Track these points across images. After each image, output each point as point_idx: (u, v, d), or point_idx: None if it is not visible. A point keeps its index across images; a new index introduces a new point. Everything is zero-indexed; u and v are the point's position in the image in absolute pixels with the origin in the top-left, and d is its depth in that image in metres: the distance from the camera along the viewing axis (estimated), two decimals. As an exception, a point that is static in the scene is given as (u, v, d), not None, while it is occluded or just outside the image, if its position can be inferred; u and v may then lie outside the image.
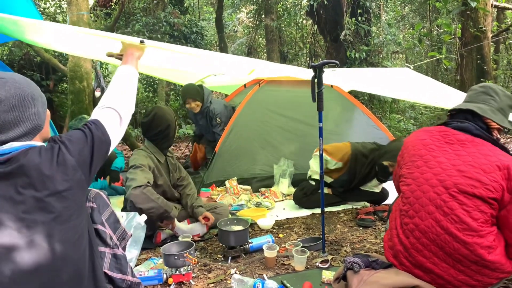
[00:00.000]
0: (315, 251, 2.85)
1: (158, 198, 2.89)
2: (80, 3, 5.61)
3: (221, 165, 4.50)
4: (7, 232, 1.36)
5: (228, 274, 2.53)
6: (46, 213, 1.39)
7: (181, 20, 9.15)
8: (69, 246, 1.42)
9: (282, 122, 4.73)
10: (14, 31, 2.66)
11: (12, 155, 1.42)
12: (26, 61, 8.65)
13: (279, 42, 11.45)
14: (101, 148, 1.59)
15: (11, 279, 1.34)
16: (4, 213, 1.36)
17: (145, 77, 10.51)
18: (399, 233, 2.08)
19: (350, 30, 8.30)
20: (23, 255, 1.36)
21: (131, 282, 1.67)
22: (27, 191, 1.38)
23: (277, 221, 3.58)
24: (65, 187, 1.43)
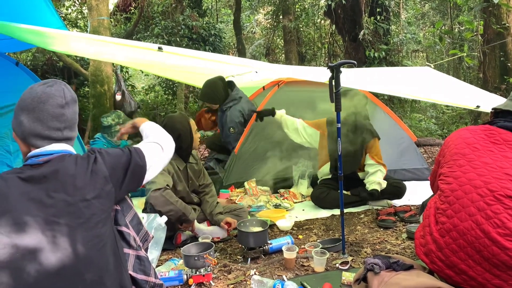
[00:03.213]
0: (335, 252, 2.84)
1: (177, 201, 2.92)
2: (100, 9, 5.73)
3: (240, 167, 4.52)
4: (33, 234, 1.39)
5: (248, 275, 2.54)
6: (74, 218, 1.42)
7: (200, 23, 9.23)
8: (94, 252, 1.45)
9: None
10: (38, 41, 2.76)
11: (49, 158, 1.48)
12: (49, 66, 8.88)
13: (297, 43, 11.43)
14: (136, 171, 1.65)
15: (36, 280, 1.38)
16: (31, 215, 1.40)
17: (165, 80, 10.64)
18: (432, 231, 2.02)
19: (369, 29, 8.22)
20: (48, 257, 1.39)
21: (154, 284, 1.68)
22: (58, 195, 1.43)
23: (296, 222, 3.57)
24: (94, 194, 1.47)
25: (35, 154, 1.51)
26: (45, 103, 1.51)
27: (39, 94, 1.52)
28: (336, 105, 2.54)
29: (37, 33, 2.50)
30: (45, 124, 1.51)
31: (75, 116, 1.60)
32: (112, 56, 3.60)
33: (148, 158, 1.70)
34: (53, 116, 1.51)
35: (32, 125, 1.50)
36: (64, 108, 1.54)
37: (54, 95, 1.53)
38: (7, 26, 2.49)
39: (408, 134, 4.89)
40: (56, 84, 1.58)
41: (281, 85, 4.86)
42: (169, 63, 3.29)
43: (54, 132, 1.52)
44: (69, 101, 1.56)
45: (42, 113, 1.50)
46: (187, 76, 5.38)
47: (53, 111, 1.51)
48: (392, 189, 4.00)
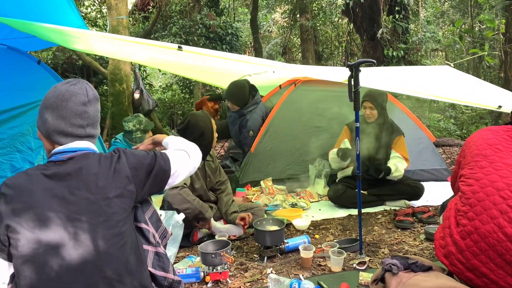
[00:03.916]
0: (352, 253, 2.82)
1: (194, 199, 2.94)
2: (119, 8, 5.79)
3: (257, 165, 4.52)
4: (56, 230, 1.42)
5: (264, 273, 2.54)
6: (95, 216, 1.45)
7: (217, 22, 9.26)
8: (114, 249, 1.47)
9: (318, 122, 4.70)
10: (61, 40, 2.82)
11: (73, 155, 1.52)
12: (69, 65, 9.03)
13: (314, 42, 11.38)
14: (159, 174, 1.65)
15: (58, 274, 1.41)
16: (54, 211, 1.43)
17: (182, 79, 10.71)
18: (453, 233, 1.99)
19: (387, 28, 8.14)
20: (70, 253, 1.42)
21: (173, 280, 1.69)
22: (81, 193, 1.46)
23: (313, 222, 3.56)
24: (116, 193, 1.49)
25: (59, 151, 1.54)
26: (68, 101, 1.54)
27: (62, 92, 1.55)
28: (355, 104, 2.53)
29: (60, 32, 2.56)
30: (68, 121, 1.54)
31: (97, 114, 1.63)
32: (132, 55, 3.65)
33: (173, 164, 1.71)
34: (76, 114, 1.54)
35: (55, 123, 1.54)
36: (86, 106, 1.57)
37: (77, 93, 1.56)
38: (30, 25, 2.55)
39: (426, 134, 4.83)
40: (79, 83, 1.61)
41: (297, 84, 4.85)
42: (188, 62, 3.31)
43: (77, 129, 1.55)
44: (92, 99, 1.59)
45: (65, 110, 1.53)
46: (204, 75, 5.40)
47: (76, 108, 1.54)
48: (410, 189, 3.96)
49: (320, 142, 4.57)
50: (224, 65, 3.47)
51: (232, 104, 4.65)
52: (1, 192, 1.47)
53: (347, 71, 2.58)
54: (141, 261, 1.58)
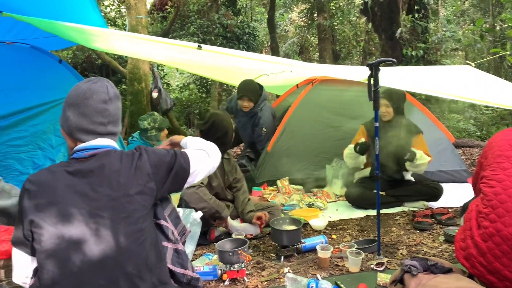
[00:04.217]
0: (369, 253, 2.80)
1: (210, 198, 2.96)
2: (139, 8, 5.86)
3: (273, 165, 4.52)
4: (78, 226, 1.45)
5: (282, 272, 2.54)
6: (117, 212, 1.47)
7: (234, 21, 9.28)
8: (135, 246, 1.48)
9: (335, 122, 4.67)
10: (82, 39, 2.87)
11: (94, 153, 1.54)
12: (88, 64, 9.17)
13: (331, 41, 11.32)
14: (179, 172, 1.67)
15: (80, 269, 1.43)
16: (76, 207, 1.46)
17: (199, 78, 10.77)
18: (474, 235, 1.96)
19: (406, 27, 8.04)
20: (92, 248, 1.44)
21: (191, 277, 1.70)
22: (103, 189, 1.48)
23: (330, 222, 3.54)
24: (137, 190, 1.51)
25: (81, 148, 1.57)
26: (89, 98, 1.57)
27: (84, 91, 1.58)
28: (374, 104, 2.51)
29: (81, 31, 2.60)
30: (90, 118, 1.56)
31: (118, 111, 1.65)
32: (151, 54, 3.69)
33: (193, 163, 1.72)
34: (97, 111, 1.57)
35: (77, 120, 1.57)
36: (107, 104, 1.59)
37: (98, 91, 1.59)
38: (53, 24, 2.60)
39: (446, 135, 4.76)
40: (100, 81, 1.64)
41: (315, 83, 4.82)
42: (207, 61, 3.33)
43: (98, 126, 1.58)
44: (112, 97, 1.62)
45: (87, 108, 1.56)
46: (222, 74, 5.43)
47: (97, 106, 1.57)
48: (429, 190, 3.91)
49: (338, 142, 4.54)
50: (242, 64, 3.48)
51: (249, 101, 4.59)
52: (25, 188, 1.50)
53: (367, 70, 2.56)
54: (161, 258, 1.60)
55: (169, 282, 1.60)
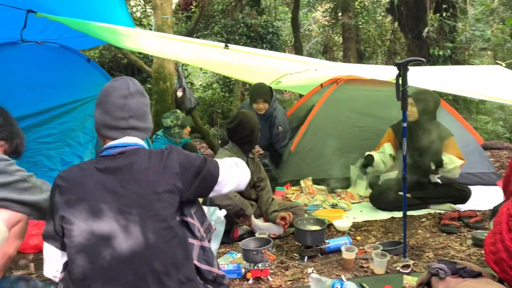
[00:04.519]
0: (395, 255, 2.76)
1: (235, 196, 2.97)
2: (164, 7, 5.92)
3: (297, 164, 4.51)
4: (107, 222, 1.48)
5: (305, 273, 2.53)
6: (145, 209, 1.49)
7: (258, 21, 9.29)
8: (163, 243, 1.50)
9: (361, 122, 4.62)
10: (112, 38, 2.93)
11: (123, 150, 1.58)
12: (114, 63, 9.33)
13: (356, 40, 11.19)
14: (207, 178, 1.68)
15: (109, 264, 1.46)
16: (106, 204, 1.49)
17: (222, 77, 10.82)
18: (504, 239, 1.91)
19: (433, 26, 7.88)
20: (121, 244, 1.46)
21: (217, 274, 1.71)
22: (131, 187, 1.50)
23: (354, 223, 3.51)
24: (165, 189, 1.52)
25: (110, 146, 1.61)
26: (110, 95, 1.62)
27: (106, 89, 1.65)
28: (402, 104, 2.47)
29: (112, 31, 2.66)
30: (111, 114, 1.61)
31: (142, 106, 1.67)
32: (178, 54, 3.73)
33: (222, 173, 1.73)
34: (117, 107, 1.61)
35: (101, 117, 1.62)
36: (127, 99, 1.62)
37: (119, 87, 1.64)
38: (86, 24, 2.66)
39: (474, 136, 4.65)
40: (122, 79, 1.69)
41: (340, 82, 4.78)
42: (232, 61, 3.35)
43: (119, 121, 1.61)
44: (133, 92, 1.64)
45: (108, 104, 1.61)
46: (246, 74, 5.44)
47: (117, 102, 1.61)
48: (456, 193, 3.83)
49: (363, 142, 4.50)
50: (267, 63, 3.48)
51: (264, 102, 4.55)
52: (56, 184, 1.54)
53: (394, 70, 2.52)
54: (188, 255, 1.61)
55: (195, 279, 1.61)
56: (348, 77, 4.73)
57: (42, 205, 1.85)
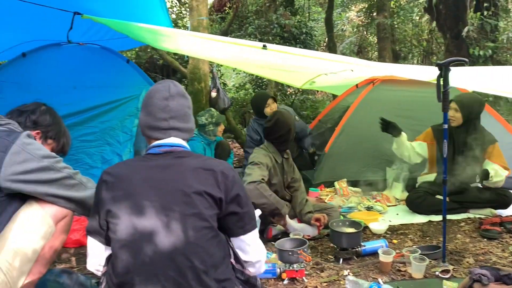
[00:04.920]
0: (433, 260, 2.70)
1: (270, 195, 2.97)
2: (200, 9, 6.01)
3: (331, 166, 4.47)
4: (150, 218, 1.51)
5: (341, 275, 2.52)
6: (188, 208, 1.52)
7: (292, 21, 9.25)
8: (203, 241, 1.52)
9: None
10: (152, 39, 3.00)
11: (170, 150, 1.63)
12: (150, 64, 9.50)
13: (391, 40, 10.98)
14: (236, 213, 1.64)
15: (151, 260, 1.49)
16: (149, 200, 1.52)
17: (254, 78, 10.84)
18: None
19: (473, 25, 7.63)
20: (163, 240, 1.50)
21: (249, 276, 1.72)
22: (176, 185, 1.54)
23: (390, 226, 3.45)
24: (209, 191, 1.54)
25: (156, 144, 1.66)
26: (153, 98, 1.68)
27: (150, 91, 1.71)
28: (443, 105, 2.41)
29: (153, 32, 2.73)
30: (154, 115, 1.66)
31: (182, 108, 1.71)
32: (215, 55, 3.77)
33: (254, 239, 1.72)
34: (159, 108, 1.66)
35: (144, 119, 1.69)
36: (168, 100, 1.67)
37: (160, 90, 1.69)
38: (127, 25, 2.74)
39: (517, 139, 4.47)
40: (165, 81, 1.75)
41: (376, 83, 4.71)
42: (269, 61, 3.36)
43: (161, 122, 1.65)
44: (174, 94, 1.69)
45: (151, 106, 1.67)
46: (281, 75, 5.43)
47: (159, 103, 1.66)
48: (497, 197, 3.70)
49: (399, 144, 4.42)
50: (305, 63, 3.47)
51: (274, 102, 4.70)
52: (103, 179, 1.59)
53: (435, 70, 2.47)
54: (225, 255, 1.63)
55: (232, 279, 1.63)
56: (384, 78, 4.65)
57: (86, 202, 1.91)
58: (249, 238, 1.69)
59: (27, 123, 2.04)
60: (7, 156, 1.68)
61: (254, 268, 1.75)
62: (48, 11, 2.95)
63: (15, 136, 1.76)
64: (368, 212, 3.77)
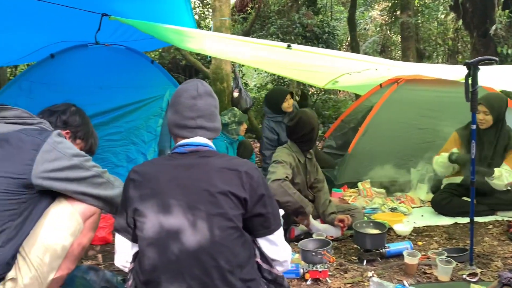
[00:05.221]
0: (460, 263, 2.65)
1: (294, 193, 2.96)
2: (223, 10, 6.04)
3: (354, 166, 4.43)
4: (177, 216, 1.53)
5: (365, 276, 2.49)
6: (214, 207, 1.53)
7: (314, 20, 9.21)
8: (229, 241, 1.53)
9: (422, 124, 4.46)
10: (177, 39, 3.03)
11: (196, 149, 1.64)
12: (173, 64, 9.61)
13: (415, 39, 10.81)
14: (262, 215, 1.65)
15: (177, 258, 1.51)
16: (176, 199, 1.54)
17: (276, 78, 10.84)
18: None
19: (501, 23, 7.44)
20: (189, 238, 1.51)
21: (277, 275, 1.73)
22: (202, 184, 1.55)
23: (415, 228, 3.40)
24: (234, 191, 1.55)
25: (182, 144, 1.67)
26: (181, 96, 1.70)
27: (177, 91, 1.74)
28: (472, 105, 2.36)
29: (179, 32, 2.77)
30: (181, 114, 1.68)
31: (209, 107, 1.72)
32: (239, 55, 3.79)
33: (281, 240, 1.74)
34: (187, 107, 1.67)
35: (172, 117, 1.71)
36: (196, 99, 1.68)
37: (188, 89, 1.71)
38: (153, 26, 2.79)
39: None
40: (192, 81, 1.77)
41: (400, 83, 4.64)
42: (293, 61, 3.36)
43: (188, 121, 1.67)
44: (202, 93, 1.70)
45: (179, 105, 1.69)
46: (304, 74, 5.41)
47: (187, 102, 1.68)
48: None
49: (424, 145, 4.35)
50: (328, 62, 3.46)
51: (292, 98, 4.65)
52: (131, 178, 1.62)
53: (462, 69, 2.43)
54: (251, 255, 1.64)
55: (257, 279, 1.63)
56: (409, 77, 4.58)
57: (114, 200, 1.94)
58: (275, 238, 1.69)
59: (57, 123, 2.09)
60: (39, 154, 1.72)
61: (282, 267, 1.76)
62: (76, 13, 3.01)
63: (46, 134, 1.80)
64: (392, 214, 3.72)
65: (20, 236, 1.70)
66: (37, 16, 3.14)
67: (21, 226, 1.70)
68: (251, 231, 1.66)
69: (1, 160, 1.70)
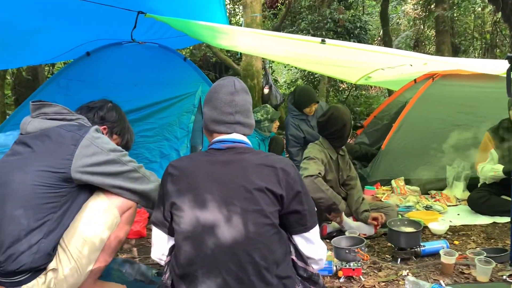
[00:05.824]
0: (499, 263, 2.56)
1: (327, 189, 2.94)
2: (254, 6, 6.05)
3: (388, 163, 4.36)
4: (212, 211, 1.55)
5: (400, 275, 2.45)
6: (250, 203, 1.54)
7: (346, 15, 9.08)
8: (264, 238, 1.54)
9: (458, 120, 4.34)
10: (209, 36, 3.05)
11: (233, 146, 1.66)
12: (204, 62, 9.70)
13: (451, 34, 10.49)
14: (298, 212, 1.65)
15: (213, 252, 1.52)
16: (212, 194, 1.56)
17: (306, 74, 10.77)
18: None
19: (543, 15, 7.14)
20: (224, 233, 1.52)
21: (312, 273, 1.72)
22: (238, 180, 1.56)
23: (450, 227, 3.31)
24: (270, 188, 1.55)
25: (219, 140, 1.69)
26: (218, 92, 1.71)
27: (214, 87, 1.75)
28: (514, 100, 2.28)
29: (212, 29, 2.78)
30: (219, 109, 1.69)
31: (246, 103, 1.74)
32: (271, 51, 3.79)
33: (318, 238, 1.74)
34: (225, 102, 1.69)
35: (210, 113, 1.71)
36: (233, 95, 1.70)
37: (226, 85, 1.72)
38: (187, 23, 2.81)
39: None
40: (228, 78, 1.78)
41: (436, 78, 4.53)
42: (324, 56, 3.33)
43: (226, 116, 1.69)
44: (239, 89, 1.72)
45: (216, 101, 1.70)
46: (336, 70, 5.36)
47: (225, 98, 1.69)
48: None
49: (461, 142, 4.22)
50: (362, 57, 3.41)
51: (316, 103, 4.53)
52: (168, 172, 1.65)
53: (503, 63, 2.34)
54: (287, 252, 1.64)
55: (293, 276, 1.63)
56: (444, 72, 4.46)
57: (149, 195, 1.98)
58: (311, 235, 1.69)
59: (95, 118, 2.15)
60: (78, 149, 1.78)
61: (317, 265, 1.75)
62: (112, 11, 3.06)
63: (84, 130, 1.86)
64: (427, 212, 3.64)
65: (60, 228, 1.76)
66: (74, 15, 3.21)
67: (61, 219, 1.76)
68: (287, 228, 1.66)
69: (43, 154, 1.77)
